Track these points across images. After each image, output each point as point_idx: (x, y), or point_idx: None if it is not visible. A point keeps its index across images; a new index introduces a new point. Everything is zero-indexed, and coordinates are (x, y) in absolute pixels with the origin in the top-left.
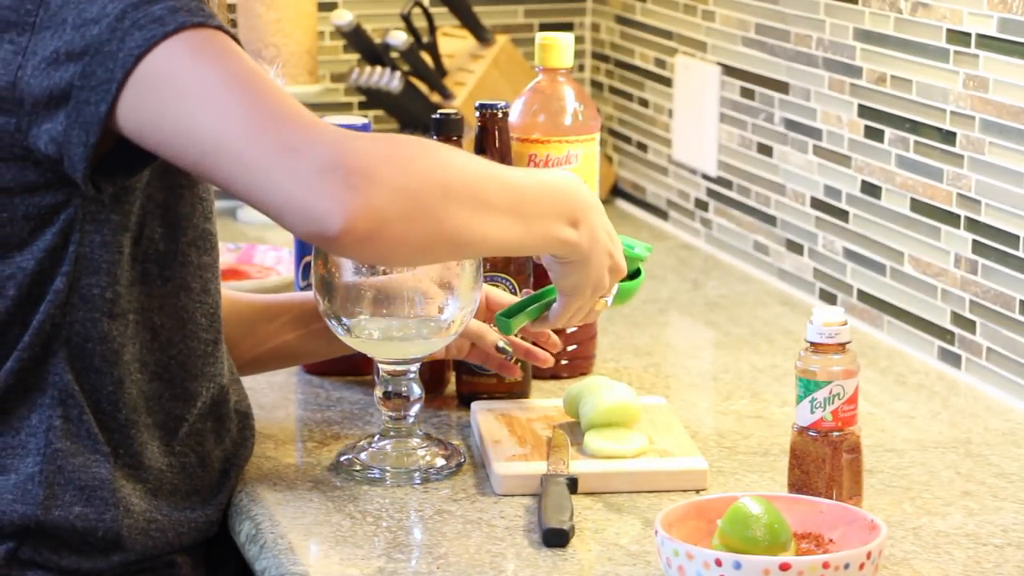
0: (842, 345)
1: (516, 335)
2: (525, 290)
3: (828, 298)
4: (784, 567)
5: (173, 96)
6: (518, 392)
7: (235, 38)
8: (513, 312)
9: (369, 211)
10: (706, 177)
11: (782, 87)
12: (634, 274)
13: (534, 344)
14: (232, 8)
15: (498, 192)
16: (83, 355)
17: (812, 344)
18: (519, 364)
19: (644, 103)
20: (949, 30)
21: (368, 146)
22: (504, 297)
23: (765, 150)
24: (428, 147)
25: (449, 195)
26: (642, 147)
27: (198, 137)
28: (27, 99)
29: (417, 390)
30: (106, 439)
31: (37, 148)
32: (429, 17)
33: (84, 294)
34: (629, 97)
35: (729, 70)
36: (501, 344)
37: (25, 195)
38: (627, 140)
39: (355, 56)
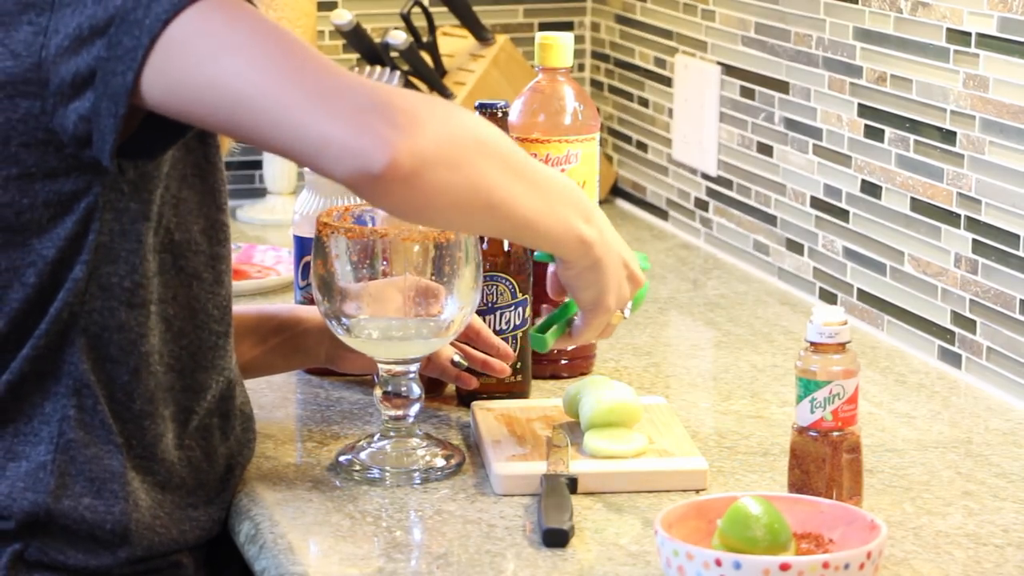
0: (842, 345)
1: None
2: (545, 305)
3: (828, 298)
4: (784, 567)
5: (206, 51)
6: (518, 392)
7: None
8: (544, 328)
9: (414, 151)
10: (706, 177)
11: (782, 87)
12: None
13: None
14: None
15: (524, 162)
16: (100, 344)
17: (812, 344)
18: (480, 375)
19: (644, 103)
20: (949, 29)
21: (406, 94)
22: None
23: (765, 150)
24: (460, 107)
25: (485, 151)
26: (642, 147)
27: (232, 87)
28: (53, 80)
29: (417, 390)
30: (119, 430)
31: (64, 129)
32: (429, 17)
33: (103, 283)
34: (629, 97)
35: (729, 70)
36: (456, 358)
37: (47, 180)
38: (627, 140)
39: (355, 56)
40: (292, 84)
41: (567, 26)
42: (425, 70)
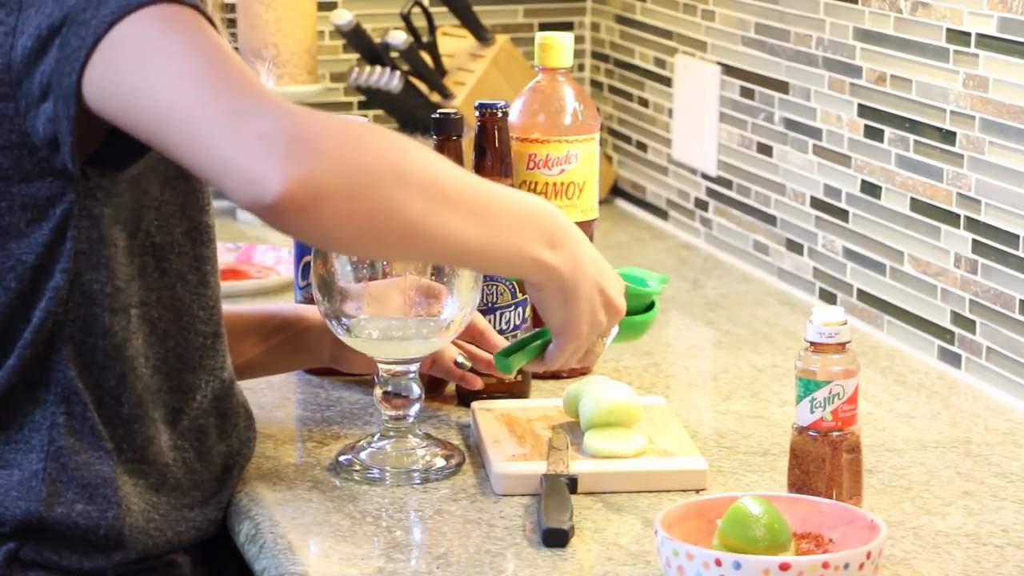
0: (842, 345)
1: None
2: (523, 325)
3: (828, 298)
4: (784, 567)
5: (136, 61)
6: (518, 392)
7: (210, 20)
8: (511, 352)
9: (308, 180)
10: (706, 177)
11: (782, 87)
12: (648, 307)
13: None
14: (232, 8)
15: (461, 191)
16: (85, 351)
17: (812, 344)
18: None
19: (644, 103)
20: (949, 30)
21: (319, 120)
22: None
23: (765, 150)
24: (388, 133)
25: (403, 180)
26: (642, 147)
27: (154, 99)
28: (24, 82)
29: (417, 390)
30: (109, 435)
31: (36, 132)
32: (429, 17)
33: (84, 289)
34: (629, 97)
35: (729, 70)
36: (460, 359)
37: (22, 184)
38: (627, 140)
39: (355, 56)
40: (206, 101)
41: (567, 26)
42: (425, 70)
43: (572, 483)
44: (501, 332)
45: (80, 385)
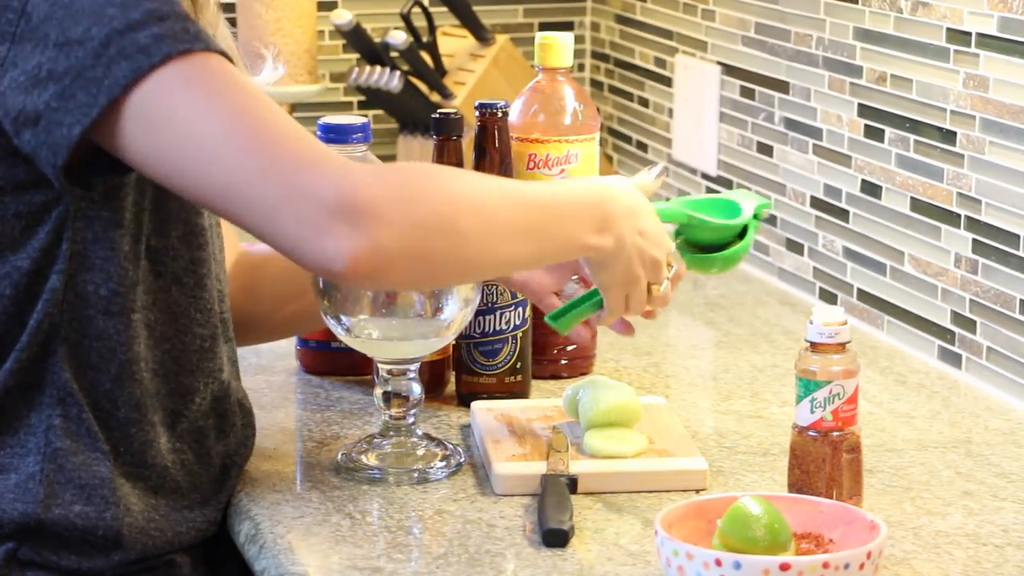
0: (842, 345)
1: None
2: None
3: (828, 298)
4: (784, 567)
5: (172, 136)
6: (518, 392)
7: (225, 54)
8: (561, 313)
9: (372, 250)
10: (706, 177)
11: (782, 87)
12: (741, 234)
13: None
14: (232, 8)
15: (512, 215)
16: (80, 353)
17: (812, 344)
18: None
19: (644, 103)
20: (949, 29)
21: (373, 180)
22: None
23: (765, 150)
24: (437, 178)
25: (457, 227)
26: (642, 147)
27: (202, 181)
28: (9, 109)
29: (417, 390)
30: (106, 437)
31: (23, 150)
32: (429, 16)
33: (80, 292)
34: (629, 97)
35: (729, 70)
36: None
37: (16, 193)
38: (627, 140)
39: (355, 55)
40: (258, 182)
41: (567, 26)
42: (425, 70)
43: (572, 483)
44: (501, 332)
45: (75, 387)
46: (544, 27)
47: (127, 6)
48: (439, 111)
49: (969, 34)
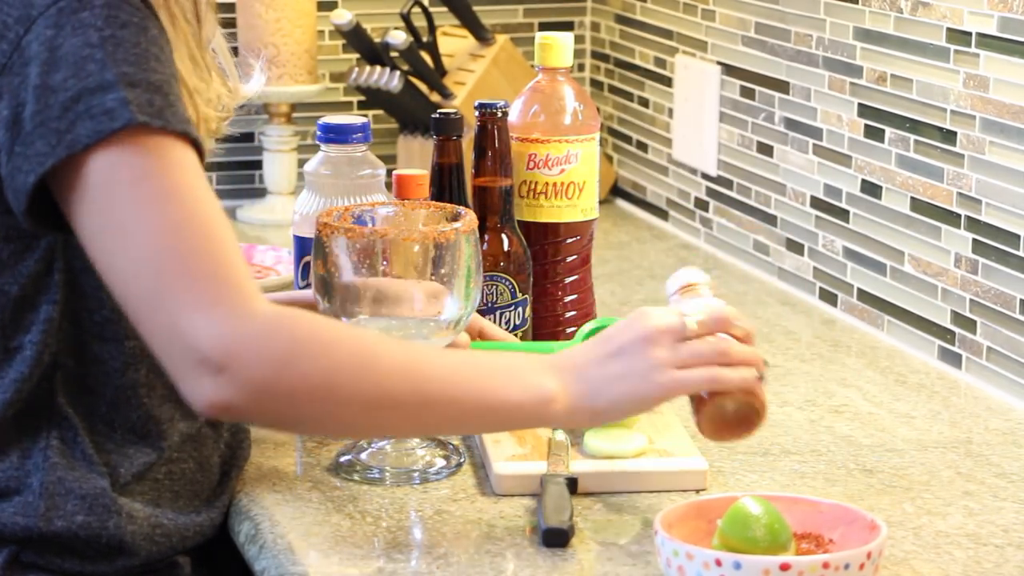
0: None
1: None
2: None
3: (828, 297)
4: (784, 567)
5: (101, 218)
6: None
7: (190, 135)
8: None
9: (226, 409)
10: (706, 177)
11: (782, 87)
12: None
13: None
14: (232, 8)
15: (397, 386)
16: (76, 377)
17: (680, 289)
18: None
19: (644, 103)
20: (949, 29)
21: (253, 345)
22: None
23: (765, 150)
24: (325, 347)
25: (335, 396)
26: (642, 147)
27: (112, 271)
28: None
29: None
30: (103, 460)
31: (3, 176)
32: (429, 16)
33: (74, 319)
34: (629, 97)
35: (729, 70)
36: None
37: (4, 216)
38: (627, 140)
39: (354, 55)
40: (154, 310)
41: (567, 26)
42: (425, 70)
43: (572, 483)
44: None
45: (71, 411)
46: (544, 27)
47: (105, 64)
48: (439, 111)
49: (969, 34)
